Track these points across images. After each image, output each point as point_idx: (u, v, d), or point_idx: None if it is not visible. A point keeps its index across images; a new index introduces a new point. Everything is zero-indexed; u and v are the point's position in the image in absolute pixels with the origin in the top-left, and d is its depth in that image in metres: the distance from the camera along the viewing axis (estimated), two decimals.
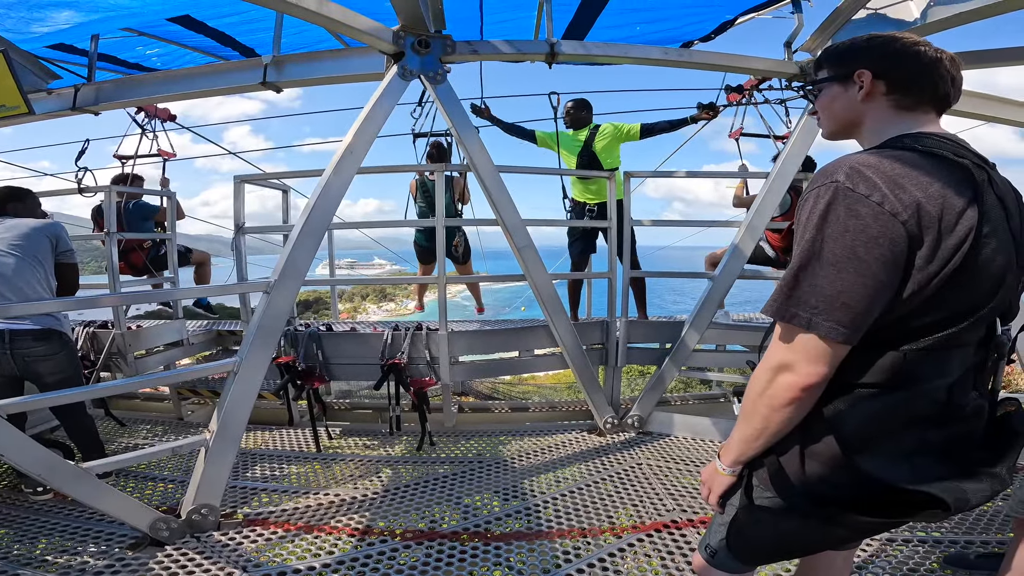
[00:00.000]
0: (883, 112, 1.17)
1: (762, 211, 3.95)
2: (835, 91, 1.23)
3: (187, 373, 3.70)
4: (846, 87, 1.20)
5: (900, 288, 1.01)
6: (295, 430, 4.30)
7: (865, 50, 1.19)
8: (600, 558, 2.53)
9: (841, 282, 0.99)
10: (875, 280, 0.98)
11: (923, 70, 1.14)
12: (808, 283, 1.03)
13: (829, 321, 1.00)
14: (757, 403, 1.12)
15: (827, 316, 1.00)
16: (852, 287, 0.99)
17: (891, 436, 1.08)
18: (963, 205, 0.99)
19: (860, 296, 0.99)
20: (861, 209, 0.98)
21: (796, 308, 1.04)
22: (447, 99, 3.47)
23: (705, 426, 4.12)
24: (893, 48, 1.16)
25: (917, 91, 1.15)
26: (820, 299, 1.01)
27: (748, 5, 3.73)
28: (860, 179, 1.00)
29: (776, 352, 1.08)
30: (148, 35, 3.97)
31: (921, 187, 0.99)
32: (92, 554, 2.53)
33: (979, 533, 2.66)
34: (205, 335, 5.27)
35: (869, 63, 1.16)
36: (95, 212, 4.94)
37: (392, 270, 37.67)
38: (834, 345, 1.02)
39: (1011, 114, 3.91)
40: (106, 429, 4.29)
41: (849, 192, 0.99)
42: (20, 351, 2.94)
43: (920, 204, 0.98)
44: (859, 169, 1.01)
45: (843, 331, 1.00)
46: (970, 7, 2.94)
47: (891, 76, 1.15)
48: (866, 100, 1.18)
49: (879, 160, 1.03)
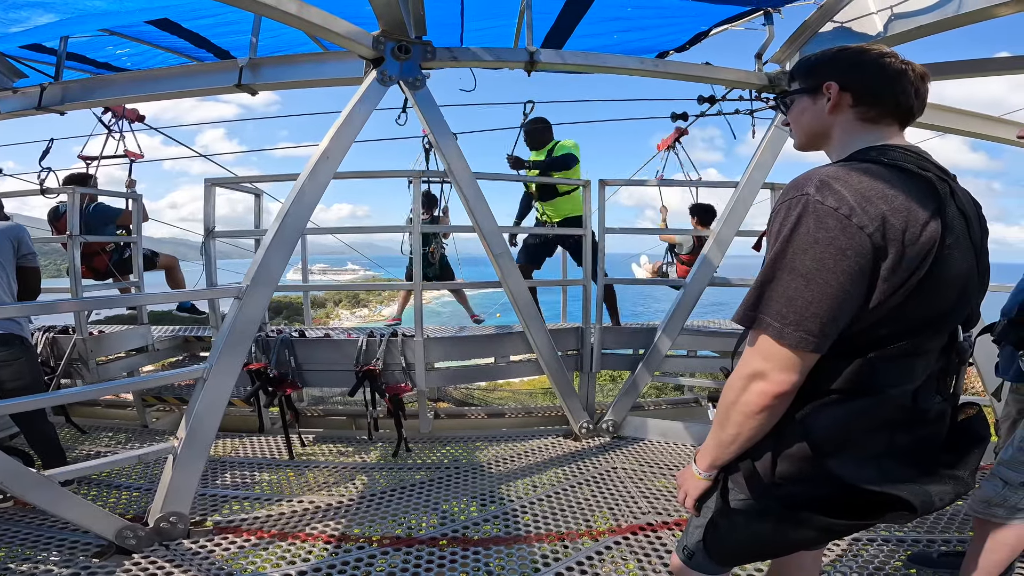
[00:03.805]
0: (849, 124, 1.20)
1: (731, 221, 4.06)
2: (805, 103, 1.25)
3: (153, 380, 3.61)
4: (815, 99, 1.23)
5: (867, 298, 1.03)
6: (266, 437, 4.21)
7: (832, 62, 1.21)
8: (578, 561, 2.54)
9: (810, 293, 1.01)
10: (842, 291, 1.01)
11: (887, 82, 1.16)
12: (778, 293, 1.05)
13: (799, 331, 1.02)
14: (731, 410, 1.14)
15: (797, 326, 1.02)
16: (821, 298, 1.01)
17: (859, 440, 1.11)
18: (926, 217, 1.02)
19: (828, 307, 1.01)
20: (829, 222, 1.00)
21: (767, 317, 1.06)
22: (426, 105, 3.47)
23: (678, 430, 4.18)
24: (859, 60, 1.18)
25: (881, 103, 1.17)
26: (790, 309, 1.03)
27: (721, 17, 3.84)
28: (829, 192, 1.02)
29: (749, 360, 1.10)
30: (121, 35, 3.88)
31: (886, 200, 1.01)
32: (56, 563, 2.45)
33: (940, 532, 2.76)
34: (171, 341, 5.14)
35: (836, 75, 1.19)
36: (51, 214, 4.77)
37: (365, 275, 37.22)
38: (803, 354, 1.04)
39: (962, 125, 4.06)
40: (66, 436, 4.15)
41: (819, 205, 1.02)
42: None
43: (885, 217, 1.00)
44: (828, 182, 1.03)
45: (812, 340, 1.02)
46: (929, 20, 3.08)
47: (856, 88, 1.17)
48: (833, 112, 1.20)
49: (847, 173, 1.05)
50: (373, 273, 30.31)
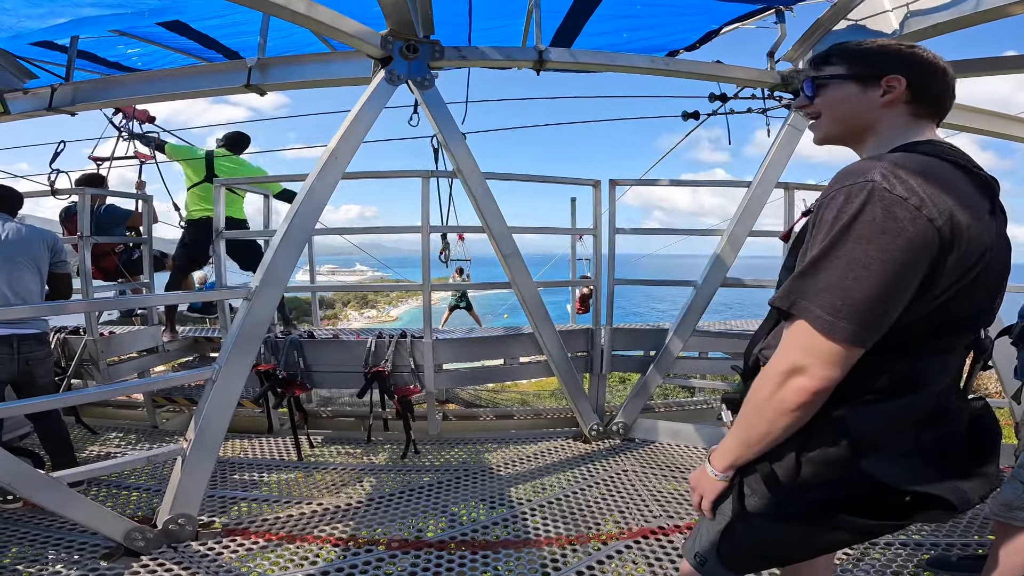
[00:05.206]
0: (899, 119, 1.15)
1: (744, 221, 4.00)
2: (850, 90, 1.17)
3: (163, 381, 3.62)
4: (865, 88, 1.16)
5: (924, 293, 0.99)
6: (275, 438, 4.21)
7: (898, 56, 1.15)
8: (588, 565, 2.51)
9: (871, 285, 0.95)
10: (903, 284, 0.96)
11: (943, 83, 1.14)
12: (833, 284, 0.98)
13: (853, 325, 0.96)
14: (763, 406, 1.07)
15: (851, 320, 0.96)
16: (882, 290, 0.95)
17: (893, 439, 1.07)
18: (986, 214, 1.00)
19: (887, 300, 0.96)
20: (899, 211, 0.94)
21: (816, 309, 0.99)
22: (434, 105, 3.45)
23: (689, 432, 4.13)
24: (920, 57, 1.14)
25: (932, 102, 1.15)
26: (846, 302, 0.96)
27: (732, 15, 3.79)
28: (898, 180, 0.96)
29: (788, 354, 1.04)
30: (131, 35, 3.89)
31: (952, 194, 0.97)
32: (65, 563, 2.45)
33: (959, 535, 2.71)
34: (181, 342, 5.15)
35: (903, 69, 1.13)
36: (62, 214, 4.80)
37: (373, 276, 37.33)
38: (852, 350, 0.98)
39: (975, 123, 3.97)
40: (77, 437, 4.16)
41: (887, 193, 0.95)
42: (25, 354, 3.04)
43: (952, 211, 0.96)
44: (896, 171, 0.98)
45: (865, 335, 0.97)
46: (946, 18, 3.03)
47: (919, 84, 1.13)
48: (887, 106, 1.14)
49: (913, 163, 1.00)
50: (381, 274, 30.38)
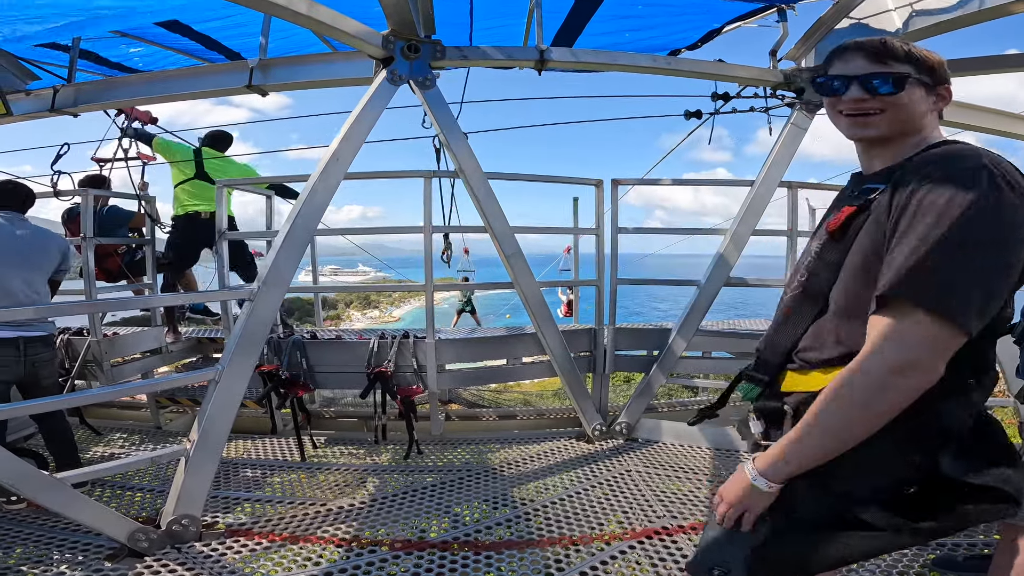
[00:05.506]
0: (935, 122, 1.19)
1: (747, 220, 3.99)
2: (919, 95, 1.15)
3: (167, 382, 3.63)
4: (927, 93, 1.16)
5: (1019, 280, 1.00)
6: (278, 439, 4.21)
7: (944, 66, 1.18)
8: (592, 566, 2.50)
9: (995, 271, 0.94)
10: (1015, 272, 0.96)
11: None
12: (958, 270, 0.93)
13: (971, 311, 0.93)
14: (857, 410, 1.00)
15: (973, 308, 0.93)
16: (1002, 277, 0.95)
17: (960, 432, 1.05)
18: None
19: (1004, 287, 0.96)
20: (1016, 199, 0.95)
21: (946, 297, 0.94)
22: (436, 105, 3.45)
23: (693, 433, 4.12)
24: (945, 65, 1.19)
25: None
26: (973, 289, 0.93)
27: (734, 14, 3.78)
28: (1006, 170, 0.96)
29: (896, 350, 0.96)
30: (132, 36, 3.90)
31: None
32: (69, 564, 2.45)
33: (965, 535, 2.68)
34: (185, 343, 5.16)
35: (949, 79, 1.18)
36: (65, 215, 4.82)
37: (376, 277, 37.34)
38: (961, 338, 0.94)
39: (979, 121, 3.99)
40: (81, 438, 4.17)
41: (1002, 181, 0.95)
42: (31, 356, 3.05)
43: None
44: (998, 160, 0.98)
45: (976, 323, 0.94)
46: (949, 17, 3.02)
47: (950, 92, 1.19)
48: (934, 111, 1.17)
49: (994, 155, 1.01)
50: (384, 274, 30.39)
